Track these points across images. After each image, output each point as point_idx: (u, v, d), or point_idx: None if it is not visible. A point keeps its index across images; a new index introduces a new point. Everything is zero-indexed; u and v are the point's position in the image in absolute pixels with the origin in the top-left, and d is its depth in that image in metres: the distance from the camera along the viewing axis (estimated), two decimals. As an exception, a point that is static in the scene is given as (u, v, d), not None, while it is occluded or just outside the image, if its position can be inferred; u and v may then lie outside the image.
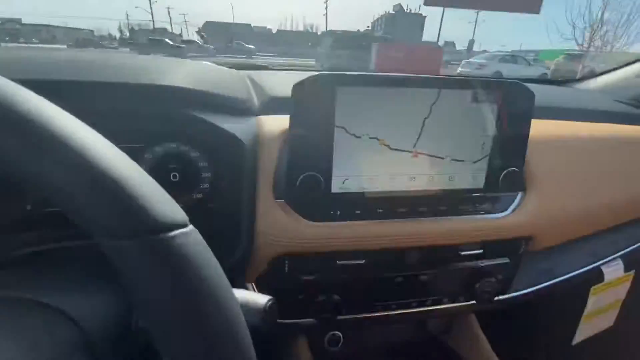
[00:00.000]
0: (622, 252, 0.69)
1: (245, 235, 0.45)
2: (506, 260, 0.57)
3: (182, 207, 0.54)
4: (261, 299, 0.30)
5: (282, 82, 0.63)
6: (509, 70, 11.03)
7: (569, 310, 0.73)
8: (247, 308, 0.30)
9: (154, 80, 0.43)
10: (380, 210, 0.49)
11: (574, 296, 0.71)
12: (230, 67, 0.67)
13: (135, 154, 0.47)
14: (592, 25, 9.99)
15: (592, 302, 0.70)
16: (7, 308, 0.27)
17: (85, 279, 0.35)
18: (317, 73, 0.43)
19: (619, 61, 0.98)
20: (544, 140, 0.59)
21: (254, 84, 0.61)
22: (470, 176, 0.51)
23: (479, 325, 0.70)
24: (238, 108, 0.52)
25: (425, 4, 0.39)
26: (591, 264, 0.66)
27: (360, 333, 0.73)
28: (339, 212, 0.48)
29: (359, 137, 0.46)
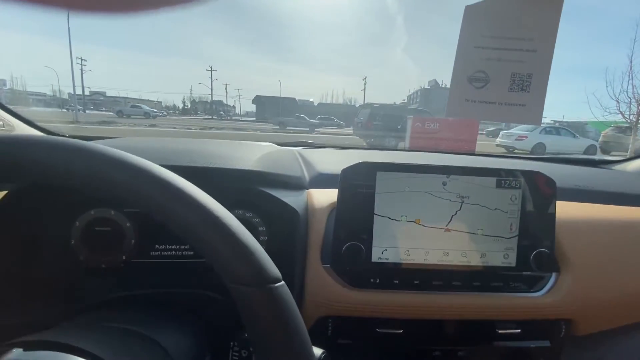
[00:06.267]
0: None
1: (296, 295, 0.52)
2: (547, 343, 0.56)
3: None
4: (316, 351, 0.36)
5: (327, 160, 0.75)
6: (553, 143, 10.65)
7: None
8: None
9: (236, 165, 0.56)
10: (417, 282, 0.54)
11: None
12: (281, 144, 0.82)
13: None
14: (639, 100, 9.77)
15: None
16: (115, 336, 0.36)
17: (173, 319, 0.44)
18: (361, 162, 0.53)
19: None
20: (577, 222, 0.62)
21: (304, 160, 0.73)
22: (502, 254, 0.55)
23: None
24: (293, 183, 0.63)
25: (447, 115, 0.49)
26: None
27: None
28: (378, 280, 0.54)
29: (398, 220, 0.54)
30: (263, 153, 0.66)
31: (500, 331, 0.55)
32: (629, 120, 10.08)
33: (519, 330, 0.55)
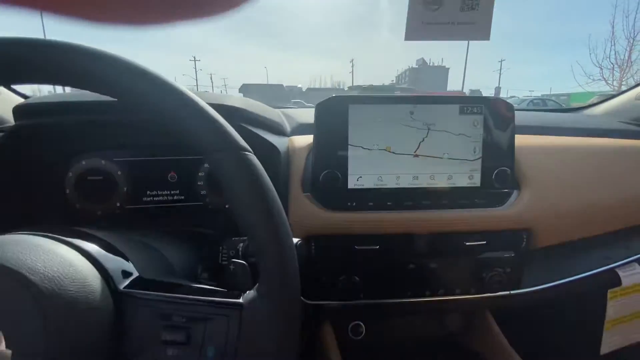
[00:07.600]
0: (638, 256, 0.71)
1: None
2: (511, 253, 0.62)
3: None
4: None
5: (306, 114, 0.79)
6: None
7: (590, 317, 0.73)
8: None
9: (218, 101, 0.59)
10: (389, 203, 0.59)
11: (593, 301, 0.72)
12: None
13: (196, 164, 0.62)
14: (621, 66, 9.90)
15: (612, 308, 0.70)
16: (115, 240, 0.39)
17: (167, 236, 0.48)
18: (334, 95, 0.57)
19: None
20: (536, 147, 0.67)
21: (286, 115, 0.77)
22: (467, 175, 0.60)
23: (497, 325, 0.72)
24: (275, 128, 0.67)
25: (406, 38, 0.52)
26: (604, 266, 0.68)
27: (381, 326, 0.77)
28: (354, 204, 0.59)
29: (370, 149, 0.58)
30: (247, 100, 0.70)
31: (467, 243, 0.60)
32: (612, 86, 10.25)
33: (485, 242, 0.61)
